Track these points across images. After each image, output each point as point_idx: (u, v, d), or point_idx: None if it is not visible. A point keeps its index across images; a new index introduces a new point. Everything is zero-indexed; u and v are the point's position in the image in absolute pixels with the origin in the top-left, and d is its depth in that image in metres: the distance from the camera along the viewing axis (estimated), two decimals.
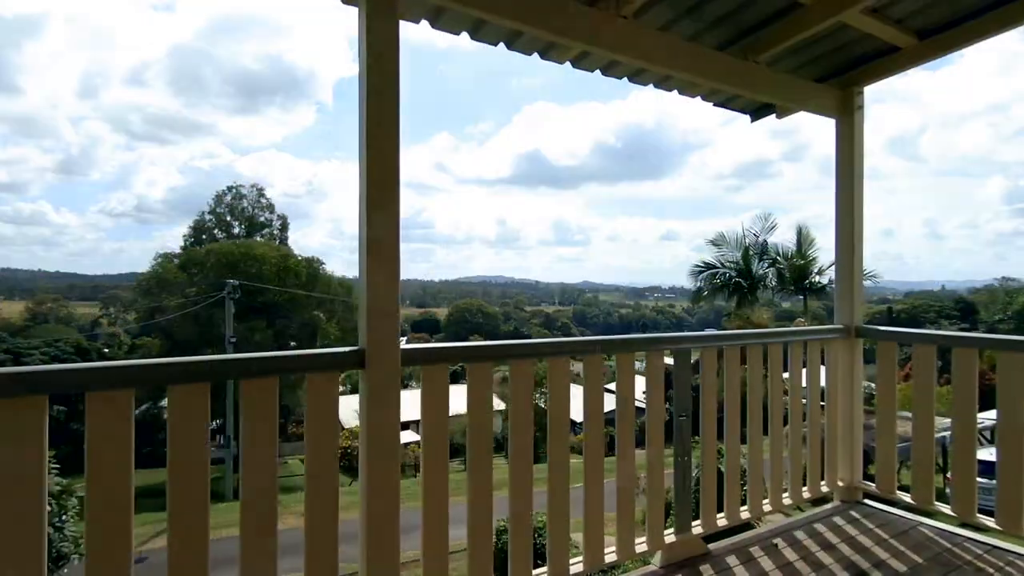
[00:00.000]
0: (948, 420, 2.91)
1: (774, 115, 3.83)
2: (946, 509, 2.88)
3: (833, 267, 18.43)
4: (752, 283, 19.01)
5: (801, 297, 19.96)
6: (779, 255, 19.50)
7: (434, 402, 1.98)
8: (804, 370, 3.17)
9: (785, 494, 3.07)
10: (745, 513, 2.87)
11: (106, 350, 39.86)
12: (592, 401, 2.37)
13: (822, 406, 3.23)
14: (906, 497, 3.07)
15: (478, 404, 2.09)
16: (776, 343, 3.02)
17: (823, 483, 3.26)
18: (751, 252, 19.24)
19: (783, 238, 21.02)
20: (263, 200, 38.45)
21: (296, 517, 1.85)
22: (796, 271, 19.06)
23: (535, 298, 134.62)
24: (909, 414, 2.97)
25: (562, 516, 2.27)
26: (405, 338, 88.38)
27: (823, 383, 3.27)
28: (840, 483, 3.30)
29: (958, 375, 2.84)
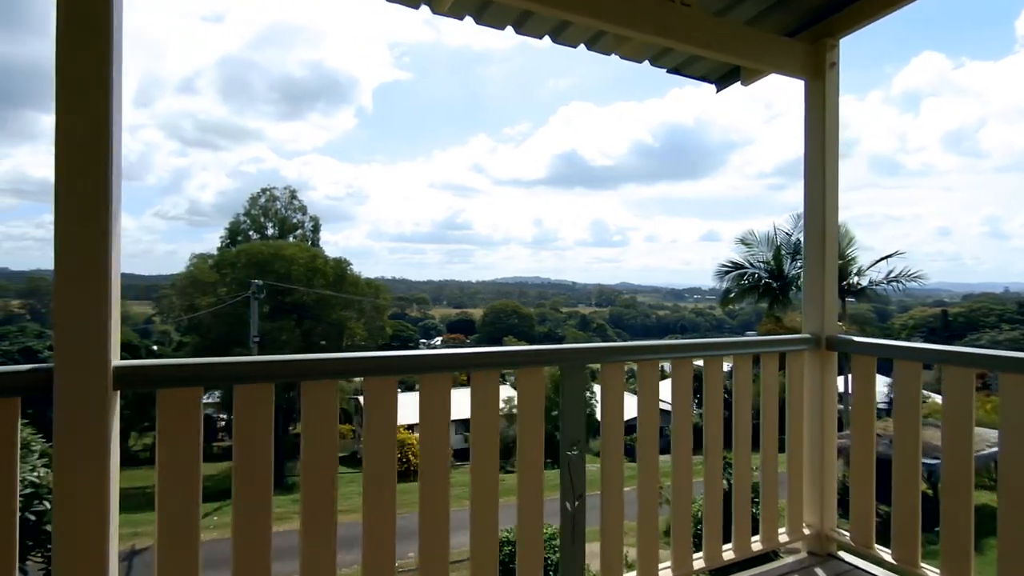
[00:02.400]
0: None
1: (740, 83, 3.24)
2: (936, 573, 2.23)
3: (874, 267, 17.19)
4: (784, 284, 17.89)
5: (840, 299, 18.72)
6: None
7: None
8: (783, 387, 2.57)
9: (727, 547, 2.46)
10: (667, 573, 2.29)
11: (155, 347, 41.37)
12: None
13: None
14: (886, 554, 2.43)
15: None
16: (714, 356, 2.42)
17: (783, 530, 2.64)
18: (783, 252, 18.11)
19: None
20: (296, 202, 39.11)
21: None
22: None
23: (572, 299, 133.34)
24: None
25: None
26: (440, 338, 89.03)
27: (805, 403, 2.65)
28: (806, 530, 2.67)
29: (949, 401, 2.20)
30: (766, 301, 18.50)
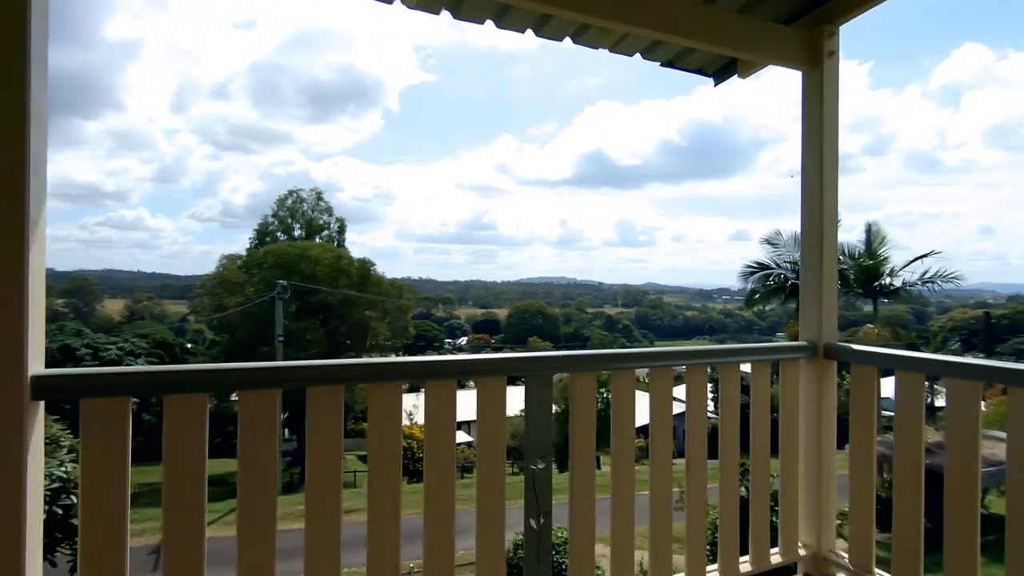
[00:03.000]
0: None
1: (737, 75, 3.08)
2: None
3: (908, 268, 16.53)
4: None
5: (871, 301, 18.06)
6: (844, 255, 17.70)
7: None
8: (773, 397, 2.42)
9: (711, 568, 2.31)
10: None
11: (189, 345, 42.51)
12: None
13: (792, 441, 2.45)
14: None
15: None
16: (697, 364, 2.27)
17: (775, 551, 2.47)
18: None
19: (852, 237, 19.06)
20: (322, 203, 39.71)
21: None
22: (864, 272, 17.23)
23: (598, 299, 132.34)
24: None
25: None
26: (466, 338, 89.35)
27: (800, 414, 2.49)
28: (802, 551, 2.50)
29: (953, 417, 2.01)
30: (793, 302, 17.95)
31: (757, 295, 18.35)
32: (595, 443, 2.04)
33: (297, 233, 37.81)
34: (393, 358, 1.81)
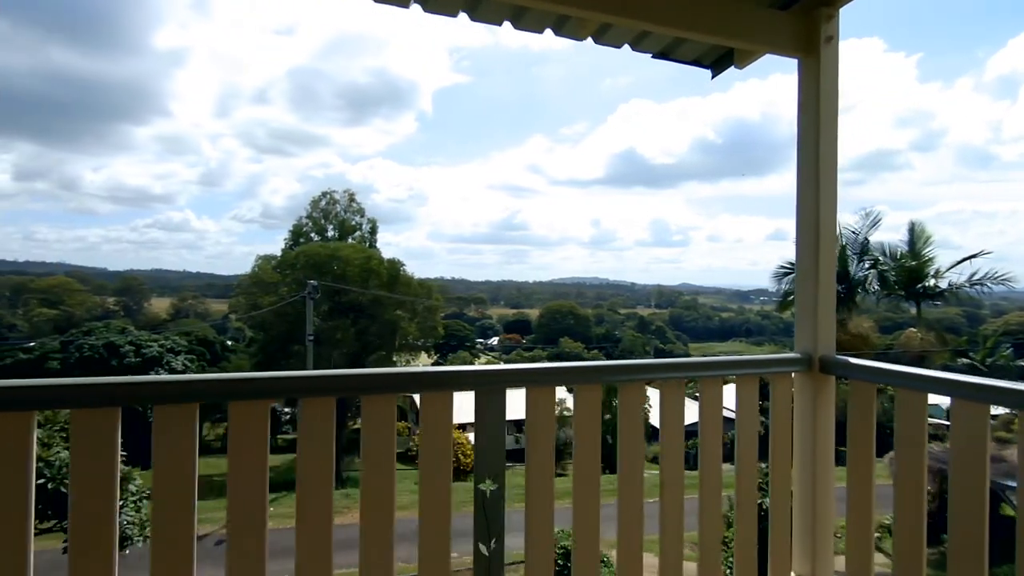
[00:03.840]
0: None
1: (734, 66, 2.89)
2: None
3: (955, 268, 15.66)
4: (849, 287, 16.61)
5: (914, 303, 17.19)
6: (885, 255, 16.90)
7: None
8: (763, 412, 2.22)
9: None
10: None
11: (229, 343, 43.84)
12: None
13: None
14: None
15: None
16: (673, 379, 2.09)
17: None
18: (848, 252, 16.82)
19: (894, 236, 18.16)
20: (354, 205, 40.32)
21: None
22: (906, 273, 16.41)
23: (630, 300, 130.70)
24: None
25: None
26: (497, 338, 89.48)
27: (795, 432, 2.29)
28: None
29: (958, 442, 1.80)
30: None
31: (792, 297, 17.68)
32: (553, 459, 1.89)
33: (330, 234, 38.49)
34: (321, 372, 1.68)
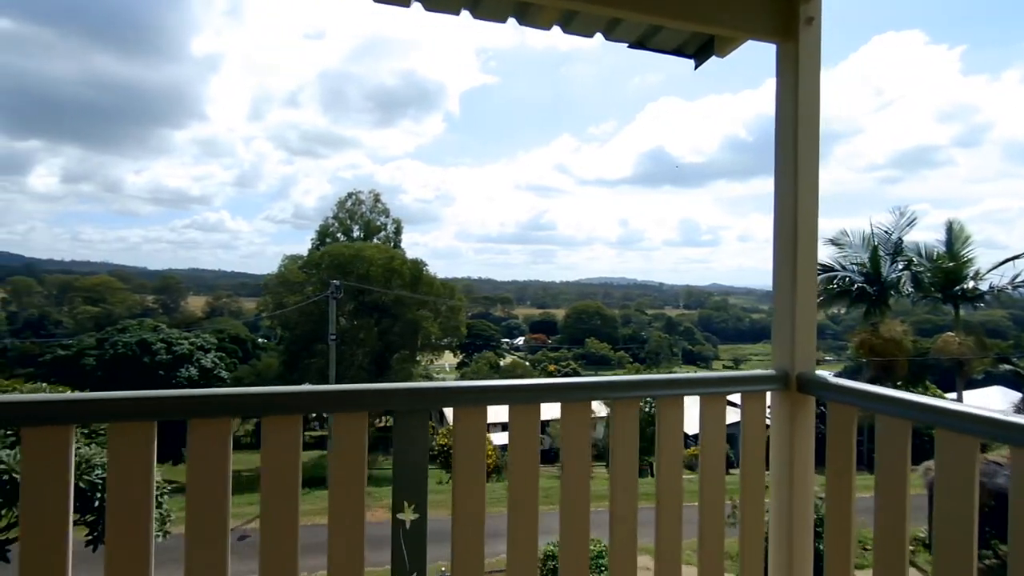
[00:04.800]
0: None
1: (715, 55, 2.67)
2: None
3: (997, 269, 14.85)
4: (881, 289, 15.92)
5: (951, 306, 16.38)
6: (920, 255, 16.14)
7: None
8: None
9: None
10: None
11: (261, 340, 44.78)
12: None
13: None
14: None
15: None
16: (626, 398, 1.89)
17: None
18: (881, 253, 16.11)
19: (932, 236, 17.31)
20: (379, 205, 40.74)
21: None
22: (942, 275, 15.64)
23: (658, 300, 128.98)
24: None
25: None
26: (523, 338, 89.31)
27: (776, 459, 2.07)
28: None
29: (943, 478, 1.56)
30: (860, 307, 16.57)
31: (820, 299, 17.05)
32: (482, 485, 1.72)
33: (356, 234, 38.94)
34: (218, 389, 1.55)
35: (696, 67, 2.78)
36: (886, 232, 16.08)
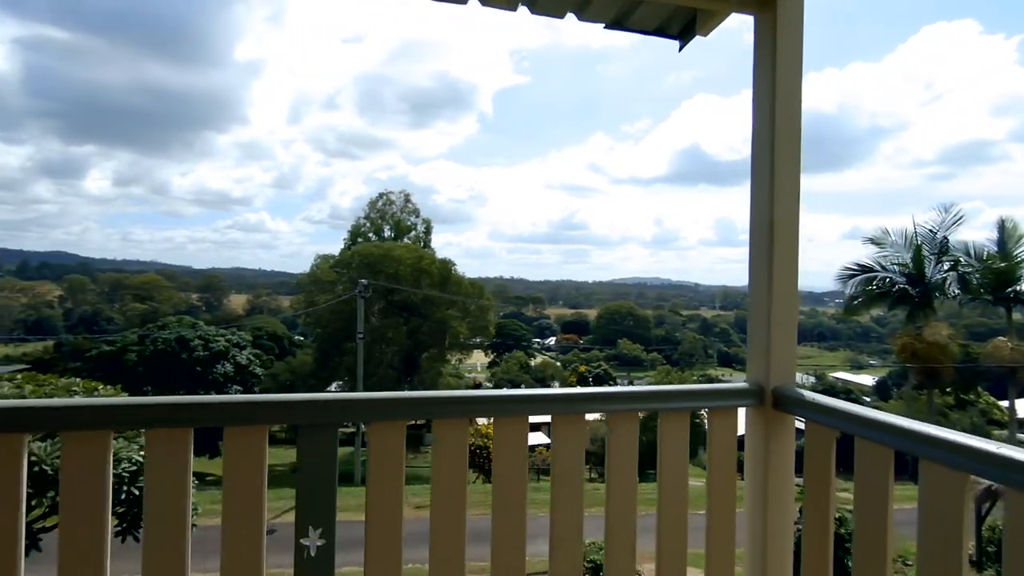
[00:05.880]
0: None
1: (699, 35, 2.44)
2: None
3: None
4: (924, 290, 15.05)
5: (1004, 309, 15.38)
6: (969, 255, 15.20)
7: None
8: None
9: None
10: None
11: (298, 338, 45.81)
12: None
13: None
14: None
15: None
16: (569, 413, 1.69)
17: None
18: (925, 252, 15.24)
19: (980, 236, 16.31)
20: (410, 205, 41.12)
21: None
22: (993, 276, 14.68)
23: (693, 301, 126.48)
24: None
25: None
26: (554, 338, 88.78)
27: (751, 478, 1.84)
28: None
29: (927, 513, 1.32)
30: (902, 309, 15.73)
31: (858, 301, 16.27)
32: (401, 505, 1.56)
33: (387, 234, 39.38)
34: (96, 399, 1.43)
35: (680, 48, 2.56)
36: (931, 231, 15.18)
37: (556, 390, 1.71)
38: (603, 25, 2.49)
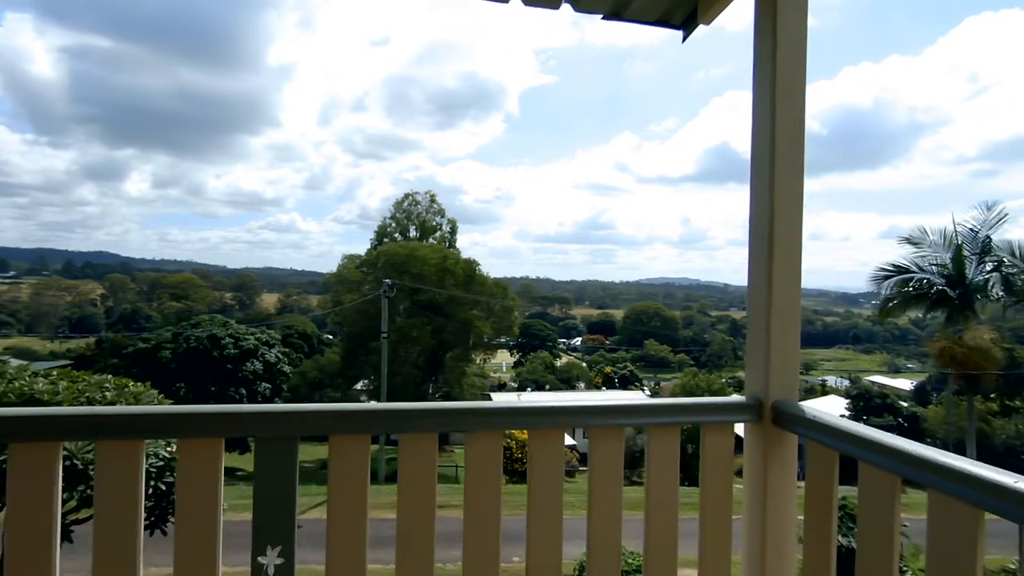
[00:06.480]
0: None
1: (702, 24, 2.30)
2: None
3: None
4: (965, 292, 14.37)
5: None
6: (1014, 255, 14.46)
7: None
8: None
9: None
10: None
11: (328, 336, 46.56)
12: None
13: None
14: None
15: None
16: (548, 428, 1.58)
17: None
18: (966, 253, 14.55)
19: None
20: (435, 205, 41.29)
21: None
22: None
23: (722, 302, 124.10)
24: None
25: None
26: (580, 339, 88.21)
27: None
28: None
29: (936, 549, 1.18)
30: (940, 312, 15.06)
31: (894, 303, 15.65)
32: (365, 525, 1.47)
33: (412, 234, 39.63)
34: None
35: (684, 38, 2.43)
36: (972, 230, 14.48)
37: (530, 404, 1.61)
38: (600, 16, 2.37)
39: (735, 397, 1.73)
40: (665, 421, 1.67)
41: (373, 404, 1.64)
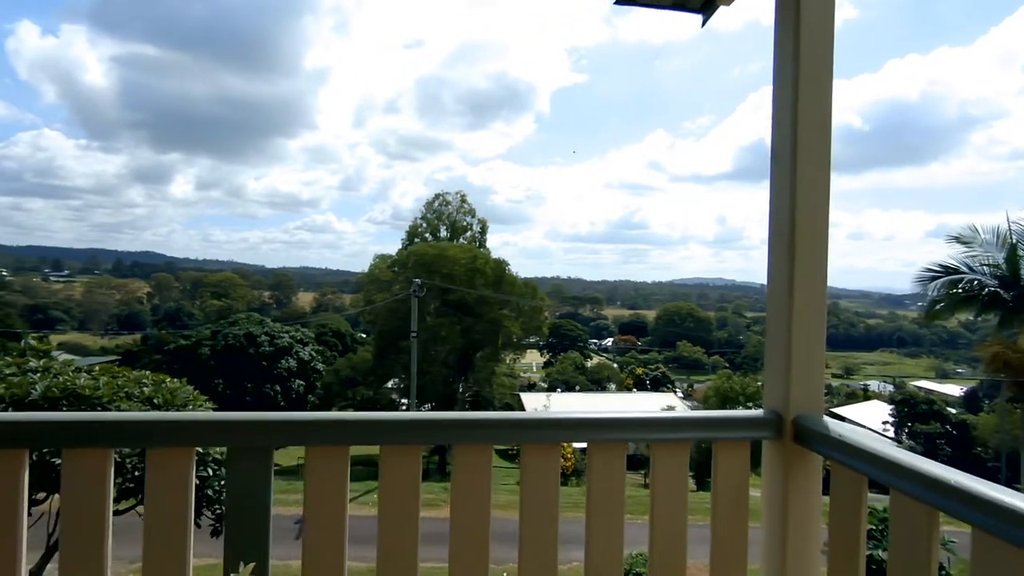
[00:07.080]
0: None
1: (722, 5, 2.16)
2: None
3: None
4: (1020, 294, 13.56)
5: None
6: None
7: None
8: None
9: None
10: None
11: (361, 335, 47.34)
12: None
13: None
14: None
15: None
16: (543, 444, 1.47)
17: None
18: (1020, 252, 13.73)
19: None
20: (465, 205, 41.43)
21: None
22: None
23: (758, 303, 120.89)
24: None
25: None
26: (612, 339, 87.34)
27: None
28: None
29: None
30: (992, 315, 14.26)
31: (941, 305, 14.89)
32: (343, 538, 1.40)
33: (443, 234, 39.86)
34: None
35: (704, 22, 2.29)
36: None
37: (524, 416, 1.51)
38: (613, 1, 2.26)
39: (753, 412, 1.59)
40: (672, 437, 1.54)
41: (346, 414, 1.57)
